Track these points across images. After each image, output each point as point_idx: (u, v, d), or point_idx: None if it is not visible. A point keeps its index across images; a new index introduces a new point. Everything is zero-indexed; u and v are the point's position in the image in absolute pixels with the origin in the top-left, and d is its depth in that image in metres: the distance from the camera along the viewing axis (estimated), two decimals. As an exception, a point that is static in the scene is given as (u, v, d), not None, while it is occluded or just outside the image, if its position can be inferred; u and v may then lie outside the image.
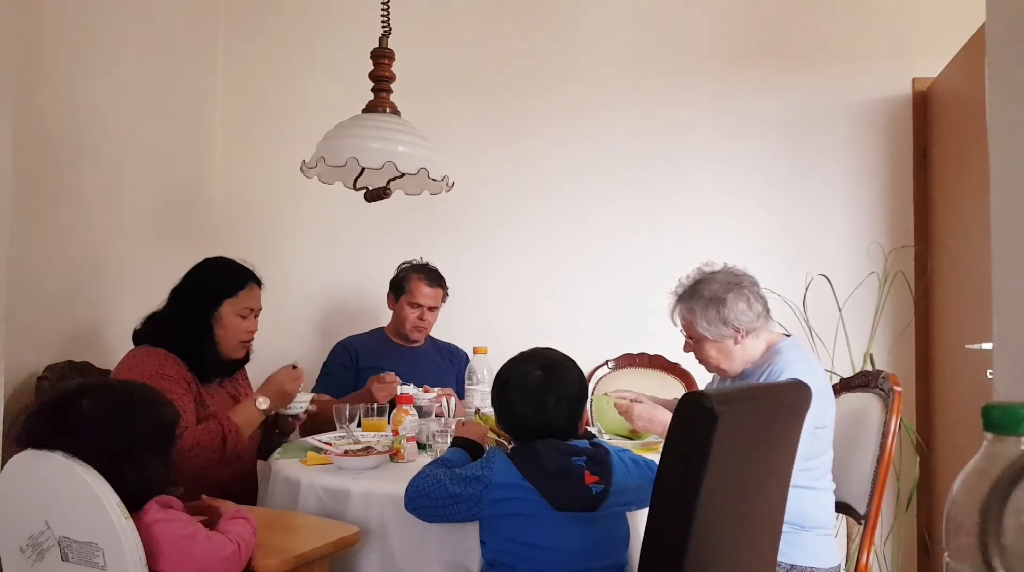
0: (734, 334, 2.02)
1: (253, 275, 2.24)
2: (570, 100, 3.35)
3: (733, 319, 2.00)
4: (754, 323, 2.02)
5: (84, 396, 1.43)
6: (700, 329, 2.03)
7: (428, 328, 2.87)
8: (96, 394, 1.44)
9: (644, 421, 2.08)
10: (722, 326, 2.01)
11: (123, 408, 1.44)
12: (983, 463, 0.63)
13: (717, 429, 1.17)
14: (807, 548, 1.95)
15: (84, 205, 2.52)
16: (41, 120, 2.29)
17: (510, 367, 1.66)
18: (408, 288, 2.81)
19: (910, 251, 3.16)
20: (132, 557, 1.30)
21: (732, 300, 2.01)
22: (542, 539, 1.53)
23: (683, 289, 2.10)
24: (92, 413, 1.40)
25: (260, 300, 2.24)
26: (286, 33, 3.47)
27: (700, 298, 2.03)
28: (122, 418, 1.42)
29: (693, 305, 2.04)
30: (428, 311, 2.83)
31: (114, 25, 2.66)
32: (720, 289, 2.03)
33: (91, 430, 1.38)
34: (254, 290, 2.22)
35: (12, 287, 1.91)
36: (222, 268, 2.21)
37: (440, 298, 2.86)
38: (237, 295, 2.16)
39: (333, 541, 1.57)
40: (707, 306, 2.01)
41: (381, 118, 2.31)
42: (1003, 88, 1.23)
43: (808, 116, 3.27)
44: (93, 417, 1.40)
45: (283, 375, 2.15)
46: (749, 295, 2.04)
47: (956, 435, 2.86)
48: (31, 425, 1.42)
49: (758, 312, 2.03)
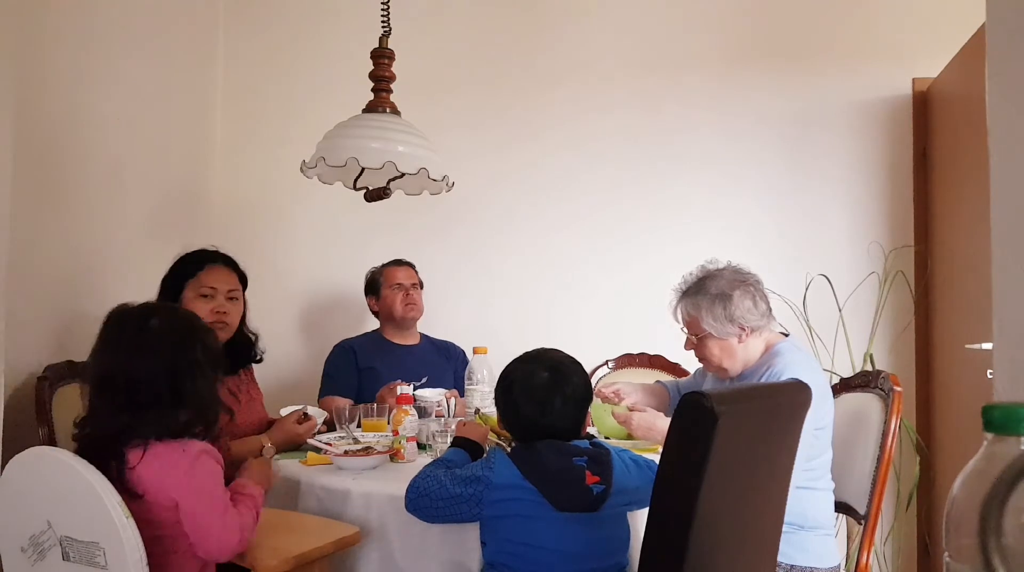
0: (739, 332, 1.99)
1: (216, 256, 2.22)
2: (570, 100, 3.35)
3: (739, 317, 1.97)
4: (759, 322, 2.00)
5: (151, 315, 1.51)
6: (705, 325, 2.00)
7: (419, 305, 2.86)
8: (162, 315, 1.53)
9: (643, 430, 2.06)
10: (728, 324, 1.98)
11: (187, 329, 1.53)
12: (983, 463, 0.63)
13: (717, 429, 1.17)
14: (807, 548, 1.95)
15: (84, 205, 2.52)
16: (41, 120, 2.29)
17: (516, 367, 1.66)
18: (382, 279, 2.89)
19: (910, 251, 3.16)
20: (133, 557, 1.30)
21: (739, 297, 1.98)
22: (543, 540, 1.53)
23: (687, 285, 2.07)
24: (160, 332, 1.48)
25: (231, 282, 2.21)
26: (286, 33, 3.47)
27: (706, 294, 2.00)
28: (186, 338, 1.50)
29: (699, 301, 2.00)
30: (412, 288, 2.86)
31: (114, 25, 2.66)
32: (727, 286, 2.00)
33: (161, 348, 1.46)
34: (216, 270, 2.19)
35: (12, 286, 1.91)
36: (186, 253, 2.23)
37: (415, 277, 2.90)
38: (196, 276, 2.16)
39: (333, 541, 1.57)
40: (713, 303, 1.98)
41: (381, 118, 2.31)
42: (1003, 88, 1.23)
43: (808, 116, 3.27)
44: (160, 336, 1.47)
45: (292, 426, 2.15)
46: (755, 293, 2.01)
47: (956, 435, 2.86)
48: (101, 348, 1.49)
49: (763, 311, 2.01)
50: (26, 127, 2.11)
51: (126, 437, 1.40)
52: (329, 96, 3.16)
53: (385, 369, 2.69)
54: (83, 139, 2.51)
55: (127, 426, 1.41)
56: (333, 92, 3.07)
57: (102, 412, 1.44)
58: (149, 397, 1.43)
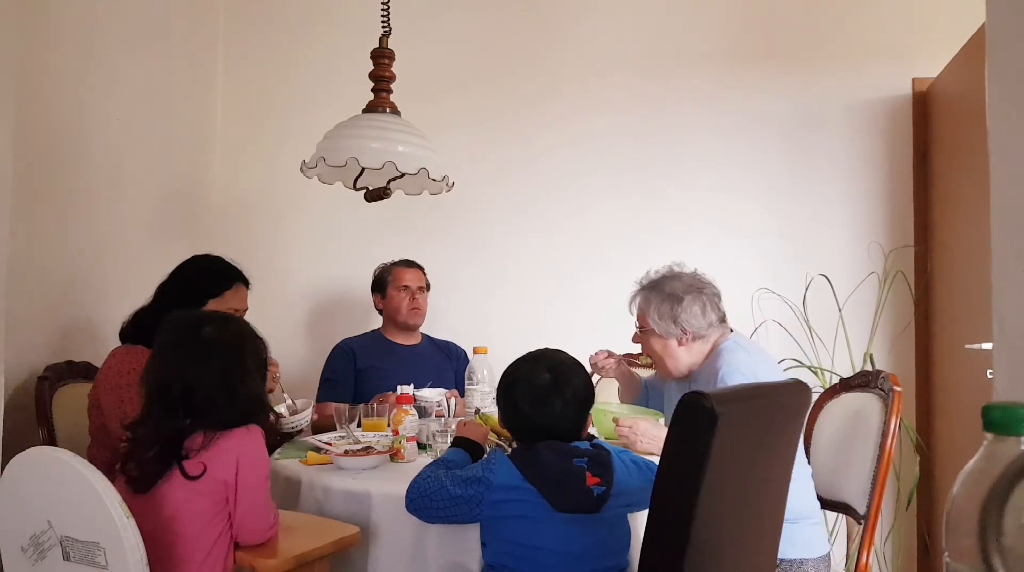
0: (680, 335, 2.05)
1: (241, 275, 2.21)
2: (570, 100, 3.35)
3: (684, 321, 2.04)
4: (702, 330, 2.06)
5: (205, 324, 1.59)
6: (650, 321, 2.08)
7: (423, 310, 2.86)
8: (215, 323, 1.60)
9: (647, 443, 2.02)
10: (671, 324, 2.05)
11: (239, 337, 1.61)
12: (983, 463, 0.63)
13: (717, 429, 1.17)
14: (795, 541, 1.94)
15: (84, 205, 2.52)
16: (42, 121, 2.29)
17: (518, 367, 1.65)
18: (390, 278, 2.87)
19: (910, 251, 3.16)
20: (133, 557, 1.30)
21: (688, 302, 2.05)
22: (543, 541, 1.53)
23: (647, 281, 2.15)
24: (214, 340, 1.56)
25: (247, 300, 2.22)
26: (286, 33, 3.47)
27: (659, 292, 2.08)
28: (239, 346, 1.58)
29: (650, 297, 2.10)
30: (418, 292, 2.85)
31: (114, 25, 2.66)
32: (681, 289, 2.07)
33: (215, 356, 1.54)
34: (240, 290, 2.20)
35: (12, 287, 1.91)
36: (209, 266, 2.20)
37: (423, 280, 2.89)
38: (223, 295, 2.15)
39: (333, 541, 1.57)
40: (662, 301, 2.07)
41: (381, 118, 2.31)
42: (1003, 88, 1.23)
43: (808, 116, 3.27)
44: (214, 344, 1.55)
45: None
46: (707, 302, 2.07)
47: (956, 435, 2.86)
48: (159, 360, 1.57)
49: (710, 321, 2.07)
50: (26, 127, 2.11)
51: (182, 437, 1.48)
52: (329, 96, 3.16)
53: (386, 369, 2.69)
54: (83, 139, 2.51)
55: (183, 428, 1.49)
56: (333, 92, 3.07)
57: (159, 416, 1.51)
58: (204, 402, 1.50)
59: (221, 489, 1.48)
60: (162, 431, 1.49)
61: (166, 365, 1.55)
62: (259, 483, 1.52)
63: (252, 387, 1.57)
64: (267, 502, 1.55)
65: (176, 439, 1.48)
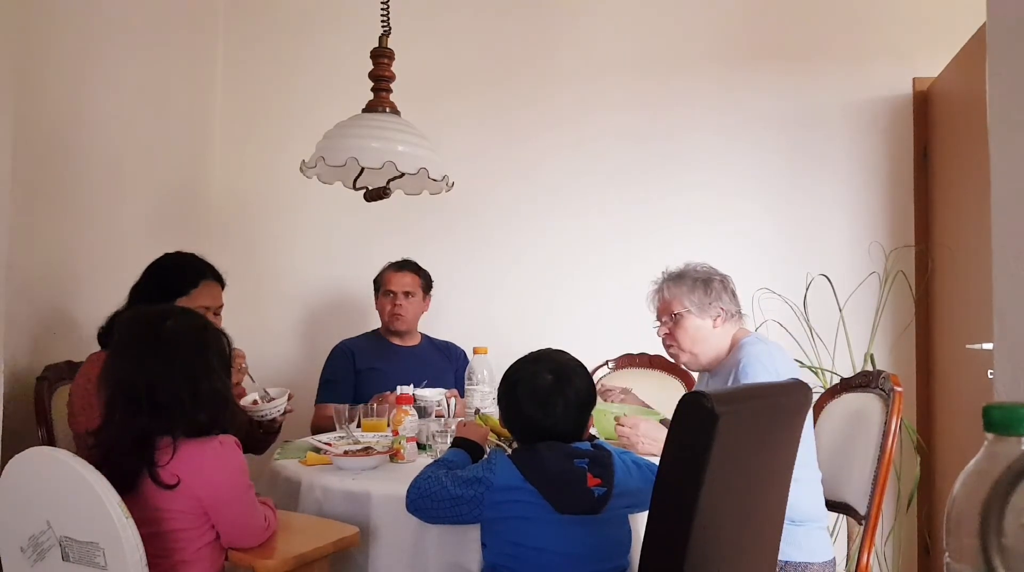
0: (718, 313, 2.11)
1: (209, 272, 2.14)
2: (570, 101, 3.35)
3: (717, 299, 2.11)
4: (734, 311, 2.14)
5: (166, 318, 1.53)
6: (686, 302, 2.11)
7: (406, 315, 2.82)
8: (176, 317, 1.56)
9: (648, 444, 2.02)
10: (707, 305, 2.10)
11: (201, 331, 1.55)
12: (983, 463, 0.63)
13: (717, 429, 1.17)
14: (800, 544, 1.94)
15: (84, 205, 2.52)
16: (41, 121, 2.29)
17: (520, 368, 1.65)
18: (381, 281, 2.88)
19: (911, 251, 3.16)
20: (133, 557, 1.30)
21: (718, 285, 2.13)
22: (544, 542, 1.53)
23: (668, 274, 2.20)
24: (175, 334, 1.51)
25: (220, 298, 2.16)
26: (286, 33, 3.47)
27: (687, 278, 2.14)
28: (201, 340, 1.53)
29: (680, 283, 2.14)
30: (403, 297, 2.81)
31: (114, 25, 2.66)
32: (706, 275, 2.15)
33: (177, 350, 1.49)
34: (210, 287, 2.12)
35: (12, 286, 1.91)
36: (176, 264, 2.12)
37: (412, 283, 2.85)
38: (190, 294, 2.06)
39: (333, 541, 1.57)
40: (694, 284, 2.13)
41: (381, 118, 2.30)
42: (1003, 88, 1.23)
43: (808, 116, 3.27)
44: (176, 338, 1.50)
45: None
46: (732, 288, 2.17)
47: (956, 435, 2.85)
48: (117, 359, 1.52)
49: (738, 306, 2.16)
50: (26, 127, 2.11)
51: (150, 437, 1.43)
52: (329, 96, 3.16)
53: (386, 369, 2.69)
54: (83, 139, 2.51)
55: (149, 427, 1.44)
56: (333, 92, 3.07)
57: (122, 416, 1.46)
58: (168, 398, 1.45)
59: (197, 504, 1.44)
60: (128, 432, 1.43)
61: (125, 363, 1.49)
62: (237, 495, 1.48)
63: (216, 382, 1.51)
64: (252, 508, 1.51)
65: (144, 439, 1.43)
